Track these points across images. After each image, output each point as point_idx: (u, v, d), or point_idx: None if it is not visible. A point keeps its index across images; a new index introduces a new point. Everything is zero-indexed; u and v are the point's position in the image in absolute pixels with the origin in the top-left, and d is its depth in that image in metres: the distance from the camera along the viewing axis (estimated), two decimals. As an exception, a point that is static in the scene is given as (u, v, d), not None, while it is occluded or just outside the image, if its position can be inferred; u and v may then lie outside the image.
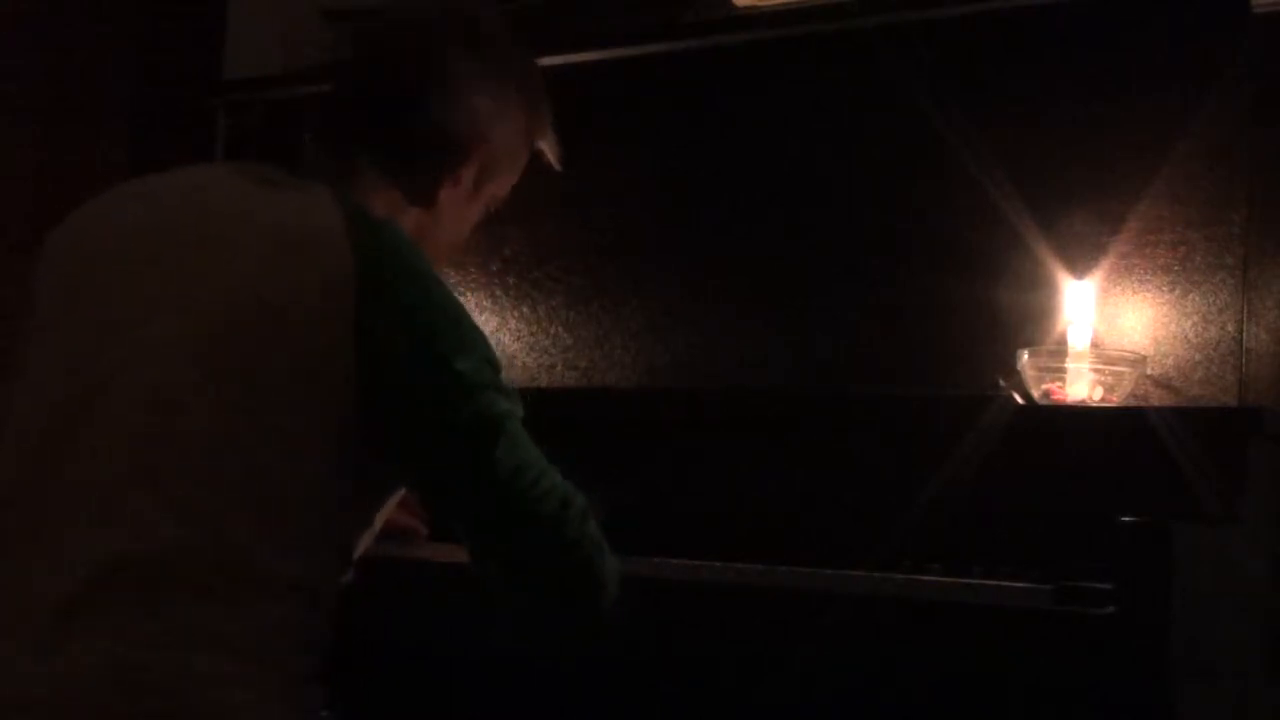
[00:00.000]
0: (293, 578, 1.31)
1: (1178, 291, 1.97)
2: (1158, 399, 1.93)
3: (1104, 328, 1.97)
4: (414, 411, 1.35)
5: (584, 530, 1.40)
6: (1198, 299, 1.96)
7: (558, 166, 1.70)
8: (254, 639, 1.28)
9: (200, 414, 1.30)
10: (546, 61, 2.31)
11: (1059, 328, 1.98)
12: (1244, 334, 1.94)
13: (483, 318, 2.44)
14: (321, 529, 1.34)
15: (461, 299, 1.87)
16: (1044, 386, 1.89)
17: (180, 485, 1.28)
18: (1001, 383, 1.93)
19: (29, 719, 1.23)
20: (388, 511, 1.48)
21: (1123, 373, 1.88)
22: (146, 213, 1.43)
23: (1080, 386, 1.87)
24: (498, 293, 2.45)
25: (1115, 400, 1.87)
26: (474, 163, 1.57)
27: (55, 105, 2.82)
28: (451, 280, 2.34)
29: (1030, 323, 2.03)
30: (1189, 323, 1.96)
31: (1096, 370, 1.88)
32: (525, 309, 2.41)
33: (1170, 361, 1.96)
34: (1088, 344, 1.91)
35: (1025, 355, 1.92)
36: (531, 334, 2.41)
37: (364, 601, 1.46)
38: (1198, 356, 1.95)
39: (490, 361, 1.38)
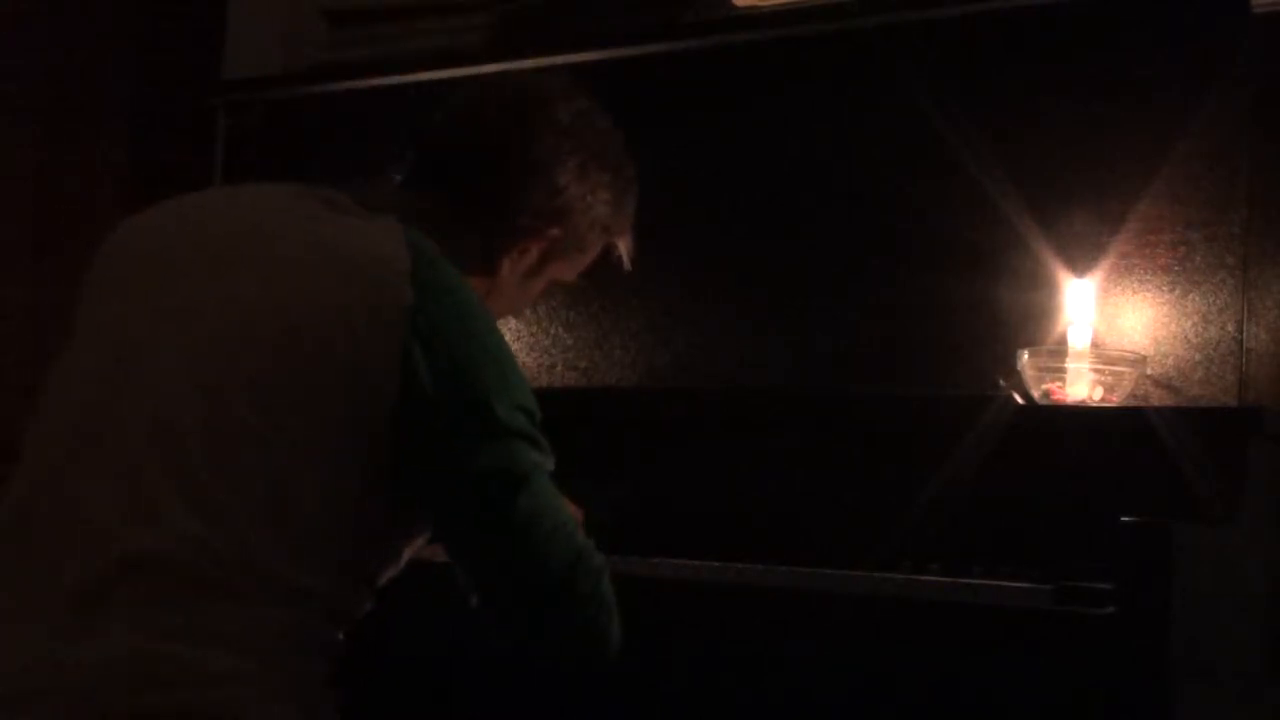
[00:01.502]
0: (302, 584, 1.31)
1: (1178, 291, 1.97)
2: (1158, 399, 1.93)
3: (1104, 328, 1.97)
4: (443, 448, 1.35)
5: (594, 589, 1.39)
6: (1198, 299, 1.96)
7: (628, 266, 1.70)
8: (256, 639, 1.28)
9: (225, 418, 1.31)
10: (546, 62, 2.34)
11: (1059, 328, 1.98)
12: (1244, 334, 1.94)
13: (483, 318, 2.43)
14: (339, 543, 1.34)
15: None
16: (1044, 386, 1.89)
17: (199, 485, 1.29)
18: (1001, 383, 1.94)
19: (37, 709, 1.24)
20: (415, 548, 1.48)
21: (1123, 373, 1.88)
22: (203, 222, 1.45)
23: (1080, 386, 1.87)
24: (498, 293, 2.45)
25: (1115, 400, 1.87)
26: (544, 241, 1.58)
27: (55, 105, 2.81)
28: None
29: (1030, 323, 2.02)
30: (1189, 323, 1.96)
31: (1096, 370, 1.88)
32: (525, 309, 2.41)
33: (1170, 361, 1.96)
34: (1088, 344, 1.91)
35: (1025, 355, 1.92)
36: (531, 334, 2.41)
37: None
38: (1198, 356, 1.95)
39: (528, 411, 1.38)
